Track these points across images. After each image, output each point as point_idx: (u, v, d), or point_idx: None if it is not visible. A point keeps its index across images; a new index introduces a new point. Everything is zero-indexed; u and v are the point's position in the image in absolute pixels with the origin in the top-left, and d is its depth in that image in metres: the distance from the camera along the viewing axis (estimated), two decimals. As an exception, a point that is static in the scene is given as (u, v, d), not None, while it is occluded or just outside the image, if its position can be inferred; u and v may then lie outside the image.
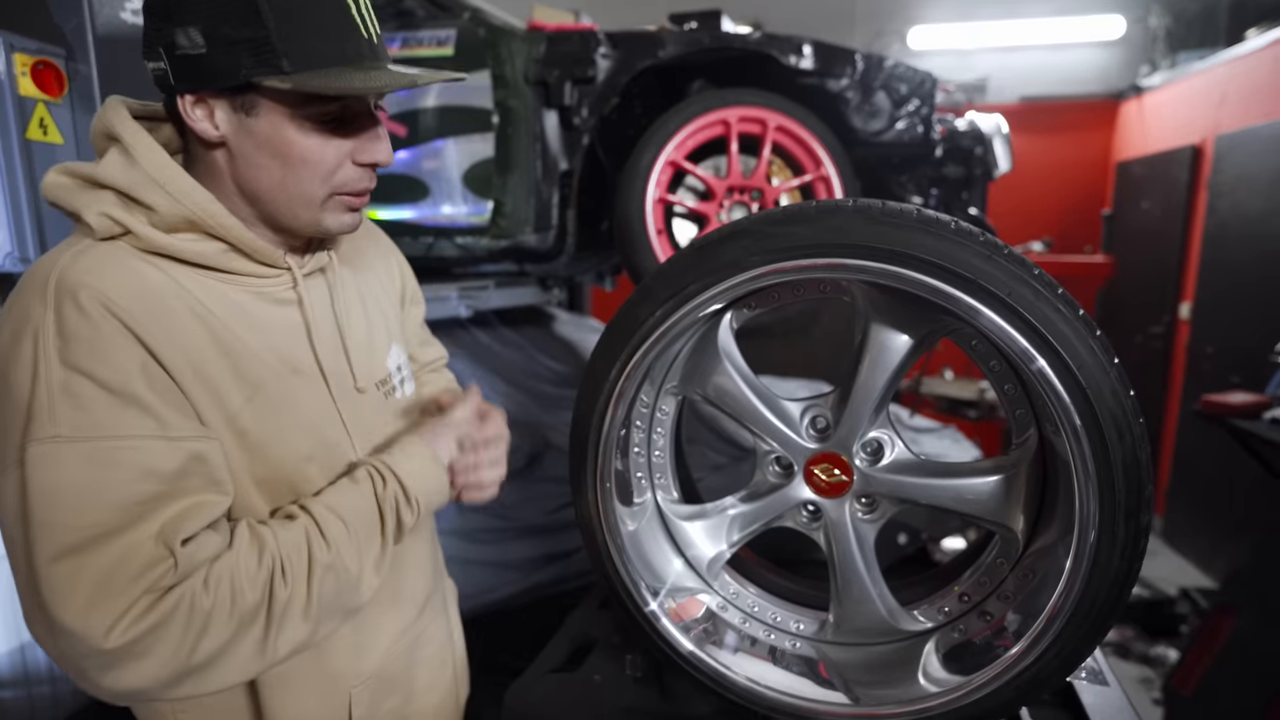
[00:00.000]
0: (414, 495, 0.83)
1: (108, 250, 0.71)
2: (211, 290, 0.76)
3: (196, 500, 0.69)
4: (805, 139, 1.93)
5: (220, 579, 0.69)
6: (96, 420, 0.65)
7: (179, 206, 0.73)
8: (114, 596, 0.63)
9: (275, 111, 0.73)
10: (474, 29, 2.05)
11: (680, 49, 1.96)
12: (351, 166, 0.79)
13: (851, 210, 0.82)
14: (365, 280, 0.97)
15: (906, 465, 0.93)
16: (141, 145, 0.74)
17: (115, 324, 0.67)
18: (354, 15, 0.74)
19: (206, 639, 0.67)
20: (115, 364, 0.67)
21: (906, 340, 0.88)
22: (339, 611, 0.78)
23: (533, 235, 2.13)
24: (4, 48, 1.23)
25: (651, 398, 1.04)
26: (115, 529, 0.64)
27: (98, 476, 0.65)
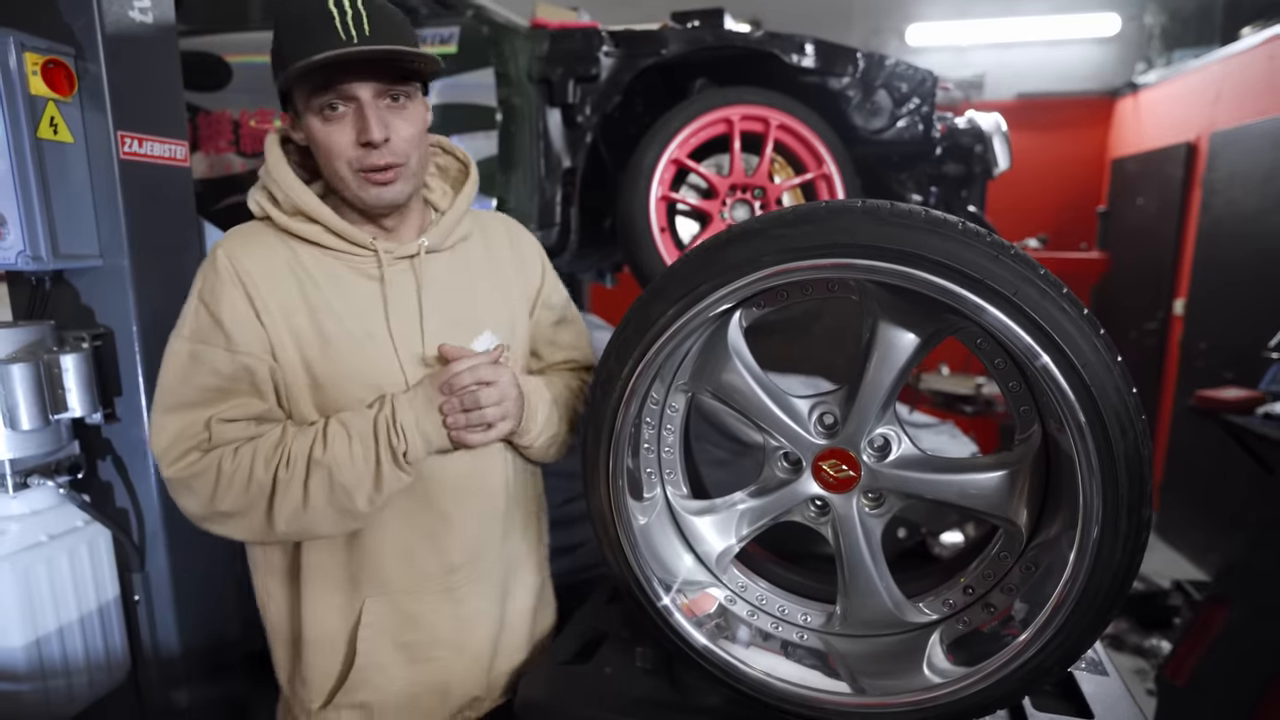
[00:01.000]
0: (400, 422, 0.97)
1: (256, 227, 1.03)
2: (319, 261, 1.01)
3: (243, 400, 0.97)
4: (807, 137, 1.95)
5: (243, 455, 0.95)
6: (199, 331, 0.97)
7: (288, 198, 1.00)
8: (177, 444, 0.95)
9: (305, 113, 0.97)
10: (477, 26, 2.05)
11: (683, 47, 1.98)
12: (357, 146, 0.95)
13: (860, 211, 0.84)
14: (484, 274, 1.12)
15: (913, 461, 0.95)
16: (271, 155, 1.02)
17: (231, 276, 0.97)
18: (336, 24, 0.90)
19: (229, 494, 0.95)
20: (221, 300, 0.96)
21: (913, 339, 0.90)
22: (333, 507, 0.96)
23: (537, 232, 2.14)
24: (15, 47, 1.23)
25: (662, 395, 1.06)
26: (190, 403, 0.96)
27: (189, 366, 0.96)
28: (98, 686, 1.42)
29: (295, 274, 0.99)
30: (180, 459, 0.95)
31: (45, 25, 1.31)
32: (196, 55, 2.16)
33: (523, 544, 1.21)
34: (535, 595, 1.23)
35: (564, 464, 2.32)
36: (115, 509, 1.52)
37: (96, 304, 1.44)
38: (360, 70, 0.92)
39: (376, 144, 0.94)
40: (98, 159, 1.36)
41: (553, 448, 1.17)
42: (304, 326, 0.99)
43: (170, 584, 1.54)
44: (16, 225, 1.26)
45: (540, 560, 1.27)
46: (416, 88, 0.99)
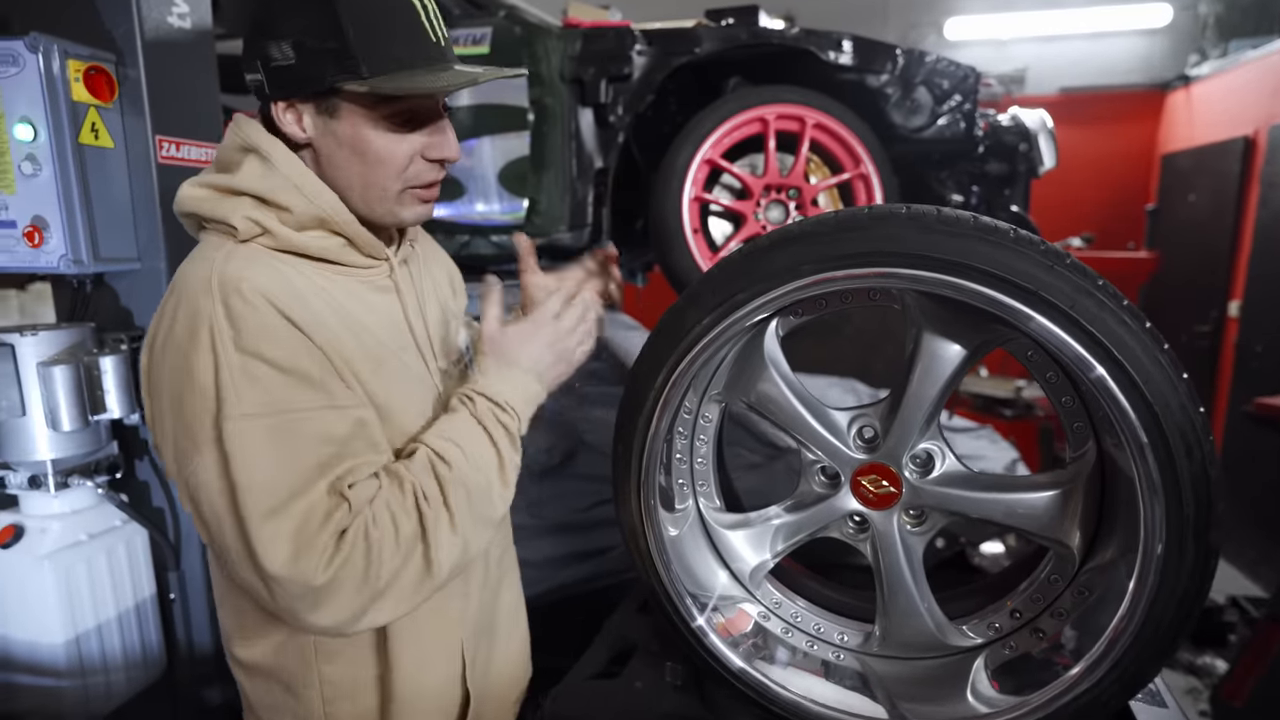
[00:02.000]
0: (504, 402, 0.87)
1: (249, 250, 0.81)
2: (333, 281, 0.86)
3: (362, 460, 0.79)
4: (844, 136, 1.90)
5: (380, 513, 0.77)
6: (275, 397, 0.74)
7: (312, 206, 0.82)
8: (311, 543, 0.73)
9: (354, 113, 0.81)
10: (509, 27, 2.04)
11: (717, 45, 1.94)
12: (422, 162, 0.86)
13: (905, 218, 0.80)
14: (429, 268, 1.04)
15: (957, 478, 0.91)
16: (279, 153, 0.82)
17: (274, 311, 0.76)
18: (424, 21, 0.81)
19: (383, 566, 0.76)
20: (282, 345, 0.75)
21: (959, 351, 0.86)
22: (481, 521, 0.84)
23: (567, 233, 2.13)
24: (59, 55, 1.25)
25: (695, 405, 1.03)
26: (303, 487, 0.74)
27: (284, 445, 0.74)
28: (134, 683, 1.44)
29: (321, 298, 0.82)
30: (320, 558, 0.73)
31: (87, 32, 1.33)
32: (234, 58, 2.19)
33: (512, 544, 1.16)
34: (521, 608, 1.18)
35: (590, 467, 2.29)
36: (151, 509, 1.54)
37: (135, 306, 1.46)
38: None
39: (454, 161, 0.88)
40: (136, 163, 1.38)
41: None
42: (353, 355, 0.83)
43: (204, 582, 1.56)
44: (59, 229, 1.28)
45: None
46: None
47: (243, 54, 0.82)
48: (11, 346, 1.27)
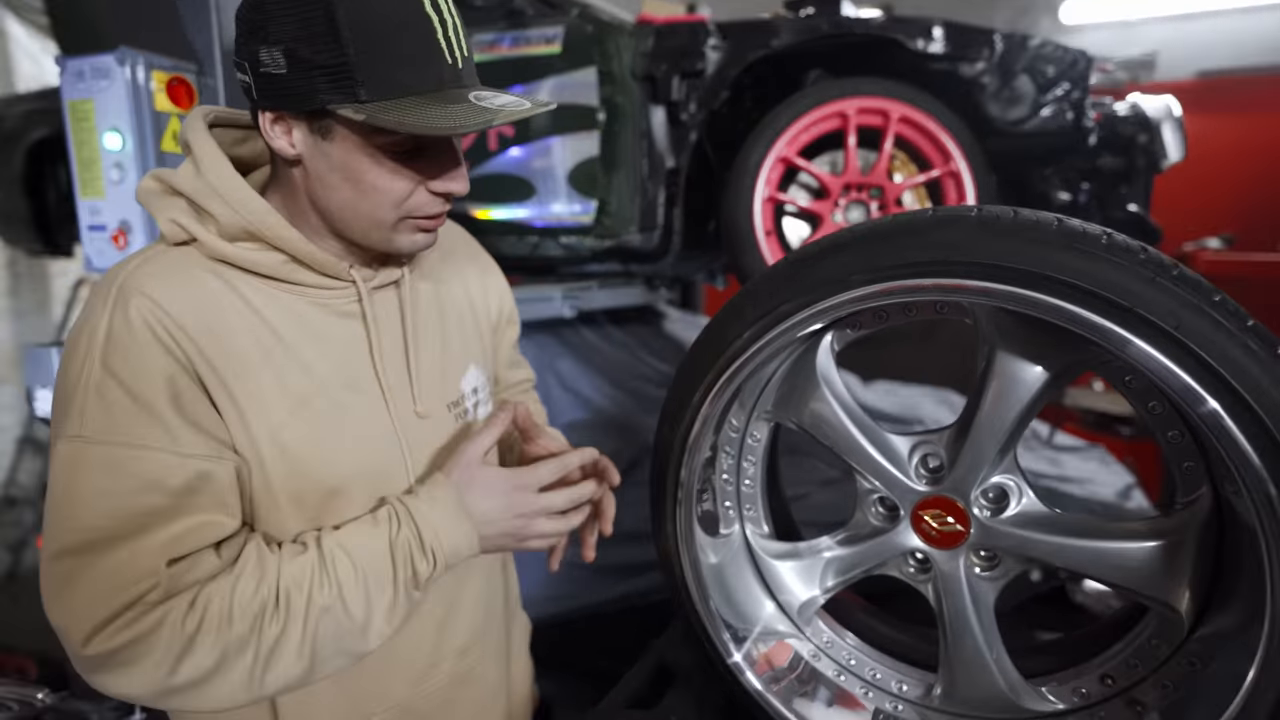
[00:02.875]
0: (429, 546, 0.76)
1: (176, 256, 0.74)
2: (273, 300, 0.76)
3: (201, 520, 0.68)
4: (932, 131, 1.76)
5: (210, 603, 0.67)
6: (116, 424, 0.66)
7: (237, 217, 0.73)
8: (98, 605, 0.64)
9: (349, 139, 0.71)
10: (582, 25, 2.02)
11: (795, 37, 1.84)
12: (425, 194, 0.76)
13: (974, 221, 0.70)
14: (452, 295, 0.93)
15: (1037, 519, 0.79)
16: (206, 156, 0.74)
17: (153, 335, 0.68)
18: (439, 39, 0.70)
19: (189, 661, 0.66)
20: (144, 373, 0.67)
21: (1040, 373, 0.75)
22: (340, 654, 0.73)
23: (637, 235, 2.08)
24: (144, 67, 1.31)
25: (742, 422, 0.96)
26: (113, 537, 0.65)
27: (106, 482, 0.66)
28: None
29: (243, 319, 0.73)
30: (107, 625, 0.64)
31: (171, 45, 1.39)
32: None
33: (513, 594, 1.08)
34: (527, 636, 1.12)
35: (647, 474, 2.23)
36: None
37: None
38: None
39: (461, 195, 0.78)
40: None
41: None
42: (265, 388, 0.73)
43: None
44: (141, 232, 1.34)
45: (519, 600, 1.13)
46: None
47: (234, 51, 0.74)
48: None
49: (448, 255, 0.95)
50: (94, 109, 1.32)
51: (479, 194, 2.15)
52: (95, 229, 1.36)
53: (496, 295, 1.04)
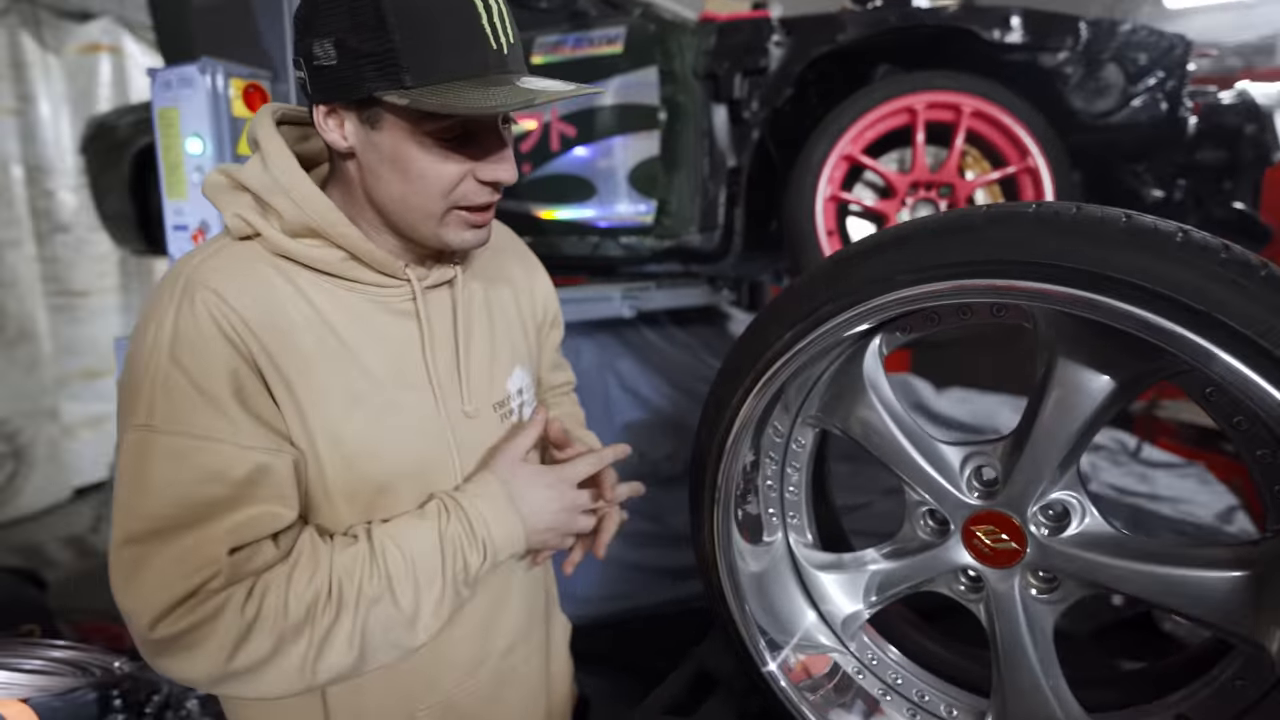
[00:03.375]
0: (480, 538, 0.78)
1: (240, 251, 0.75)
2: (332, 296, 0.77)
3: (260, 510, 0.70)
4: (1008, 125, 1.66)
5: (267, 591, 0.69)
6: (181, 415, 0.68)
7: (300, 213, 0.75)
8: (163, 590, 0.66)
9: (397, 126, 0.72)
10: (644, 25, 2.01)
11: (861, 31, 1.78)
12: (473, 182, 0.76)
13: (1032, 218, 0.65)
14: (500, 297, 0.94)
15: (1101, 540, 0.73)
16: (274, 152, 0.76)
17: (218, 329, 0.70)
18: (484, 25, 0.70)
19: (247, 647, 0.67)
20: (208, 366, 0.69)
21: (1107, 383, 0.69)
22: (389, 646, 0.74)
23: (697, 235, 2.06)
24: (223, 75, 1.39)
25: (786, 427, 0.93)
26: (177, 526, 0.67)
27: (171, 471, 0.67)
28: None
29: (304, 315, 0.75)
30: (172, 611, 0.66)
31: (248, 54, 1.46)
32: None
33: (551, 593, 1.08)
34: (568, 635, 1.12)
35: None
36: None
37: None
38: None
39: (509, 184, 0.78)
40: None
41: None
42: (322, 384, 0.75)
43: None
44: (217, 230, 1.41)
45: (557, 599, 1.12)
46: None
47: (293, 47, 0.75)
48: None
49: (496, 255, 0.95)
50: (179, 116, 1.40)
51: (541, 194, 2.18)
52: (179, 228, 1.45)
53: (543, 297, 1.04)
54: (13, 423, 3.92)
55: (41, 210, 4.08)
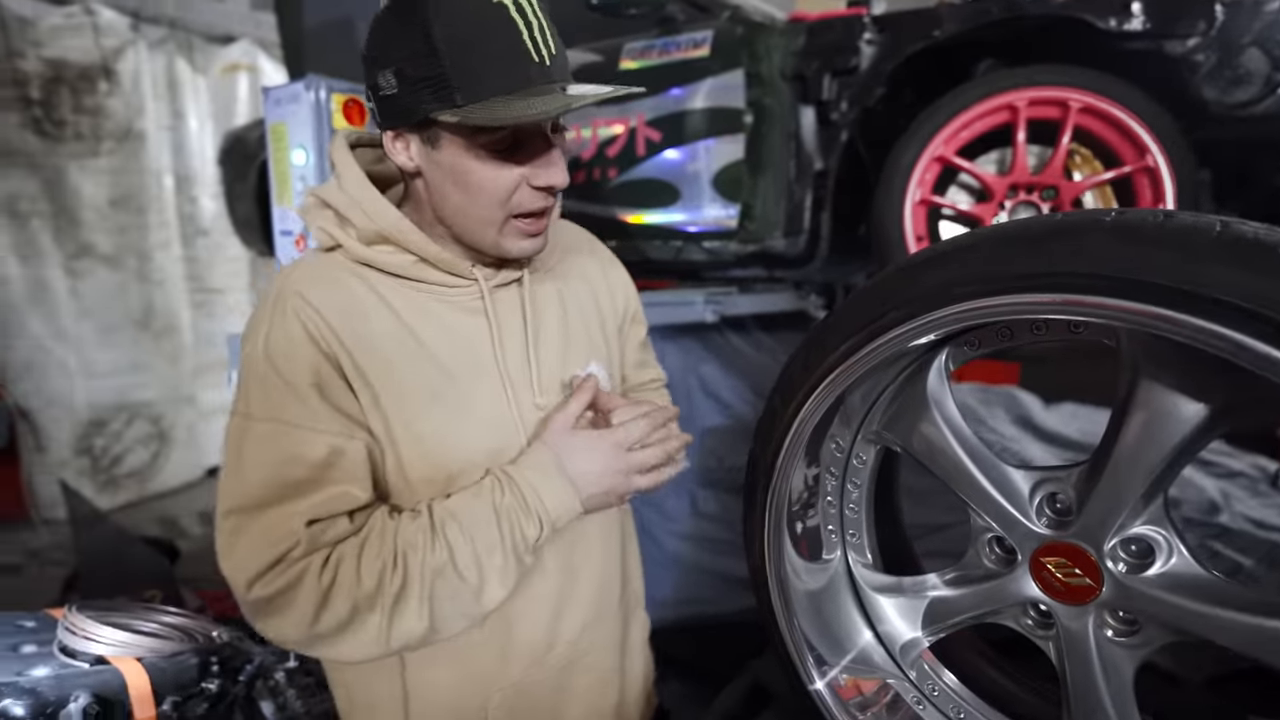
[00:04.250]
0: (534, 508, 0.81)
1: (325, 260, 0.85)
2: (407, 298, 0.84)
3: (337, 490, 0.78)
4: (1123, 121, 1.53)
5: (341, 561, 0.76)
6: (271, 405, 0.78)
7: (372, 223, 0.83)
8: (254, 558, 0.75)
9: (454, 143, 0.78)
10: (732, 28, 1.99)
11: (960, 26, 1.68)
12: (528, 190, 0.81)
13: (1107, 227, 0.60)
14: (575, 294, 0.98)
15: (1191, 583, 0.66)
16: (347, 172, 0.85)
17: (304, 331, 0.79)
18: (524, 41, 0.75)
19: (327, 612, 0.75)
20: (296, 362, 0.78)
21: (1198, 410, 0.62)
22: (459, 615, 0.80)
23: (781, 239, 2.02)
24: (325, 90, 1.49)
25: (847, 441, 0.90)
26: (265, 502, 0.76)
27: (262, 453, 0.77)
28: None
29: (382, 318, 0.82)
30: (262, 575, 0.75)
31: (349, 68, 1.56)
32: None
33: (635, 590, 1.09)
34: (646, 636, 1.12)
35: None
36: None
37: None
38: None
39: (560, 188, 0.82)
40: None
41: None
42: (402, 380, 0.82)
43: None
44: (319, 238, 1.52)
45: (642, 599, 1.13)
46: None
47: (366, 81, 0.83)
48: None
49: (572, 254, 1.00)
50: (287, 130, 1.52)
51: (627, 198, 2.20)
52: (285, 234, 1.57)
53: (622, 295, 1.07)
54: (158, 407, 4.37)
55: (187, 215, 4.53)
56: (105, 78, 4.04)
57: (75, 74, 3.95)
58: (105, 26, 4.01)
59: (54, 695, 1.04)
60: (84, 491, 3.84)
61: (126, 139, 4.13)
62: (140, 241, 4.23)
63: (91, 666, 1.10)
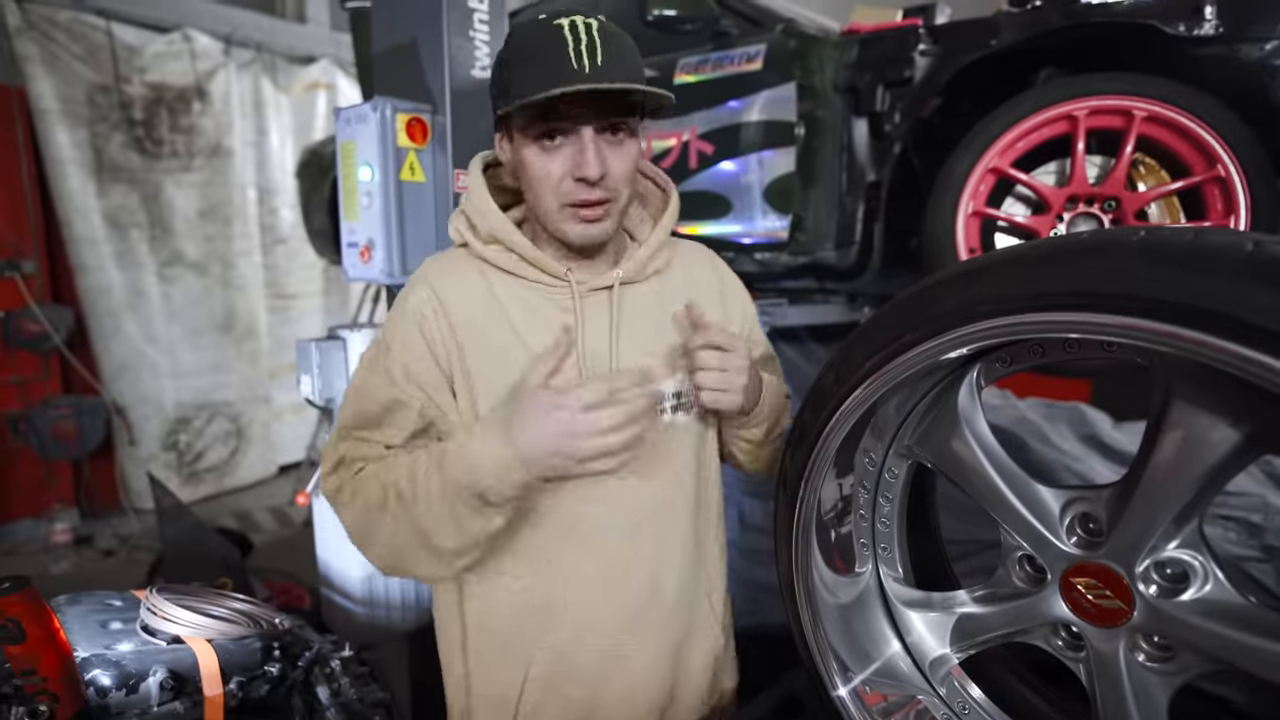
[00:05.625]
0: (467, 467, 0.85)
1: (456, 254, 1.01)
2: (511, 290, 0.97)
3: (390, 431, 0.98)
4: (1192, 130, 1.47)
5: (367, 478, 0.95)
6: (376, 359, 0.99)
7: (486, 225, 0.97)
8: (327, 461, 1.00)
9: (519, 137, 0.91)
10: (784, 41, 2.00)
11: (1018, 35, 1.65)
12: (571, 181, 0.90)
13: (1135, 246, 0.59)
14: (677, 305, 1.00)
15: (1226, 610, 0.65)
16: (473, 184, 1.00)
17: (419, 312, 0.95)
18: (569, 52, 0.84)
19: (365, 515, 0.94)
20: (397, 333, 0.97)
21: (1231, 433, 0.61)
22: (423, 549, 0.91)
23: (833, 251, 2.02)
24: (390, 110, 1.57)
25: (879, 456, 0.90)
26: (350, 423, 0.99)
27: (360, 388, 1.00)
28: (408, 623, 1.75)
29: (488, 304, 0.96)
30: (330, 474, 0.98)
31: (412, 89, 1.65)
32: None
33: (711, 602, 1.08)
34: (714, 659, 1.09)
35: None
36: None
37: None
38: (585, 102, 0.85)
39: (592, 180, 0.88)
40: (440, 193, 1.67)
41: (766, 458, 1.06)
42: (496, 365, 0.94)
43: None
44: (382, 249, 1.61)
45: (727, 620, 1.12)
46: (637, 121, 0.93)
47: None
48: (344, 340, 1.64)
49: (689, 270, 1.07)
50: (355, 148, 1.61)
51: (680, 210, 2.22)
52: (351, 245, 1.66)
53: (737, 320, 1.09)
54: (237, 406, 4.63)
55: (267, 225, 4.80)
56: (199, 98, 4.33)
57: (173, 95, 4.25)
58: (201, 51, 4.31)
59: (135, 669, 1.14)
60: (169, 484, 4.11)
61: (215, 154, 4.42)
62: (225, 250, 4.51)
63: (168, 645, 1.19)
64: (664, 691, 1.03)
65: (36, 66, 3.78)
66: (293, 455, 4.99)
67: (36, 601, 1.05)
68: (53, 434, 3.85)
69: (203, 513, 4.12)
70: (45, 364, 4.01)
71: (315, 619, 1.70)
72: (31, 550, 3.87)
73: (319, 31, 5.08)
